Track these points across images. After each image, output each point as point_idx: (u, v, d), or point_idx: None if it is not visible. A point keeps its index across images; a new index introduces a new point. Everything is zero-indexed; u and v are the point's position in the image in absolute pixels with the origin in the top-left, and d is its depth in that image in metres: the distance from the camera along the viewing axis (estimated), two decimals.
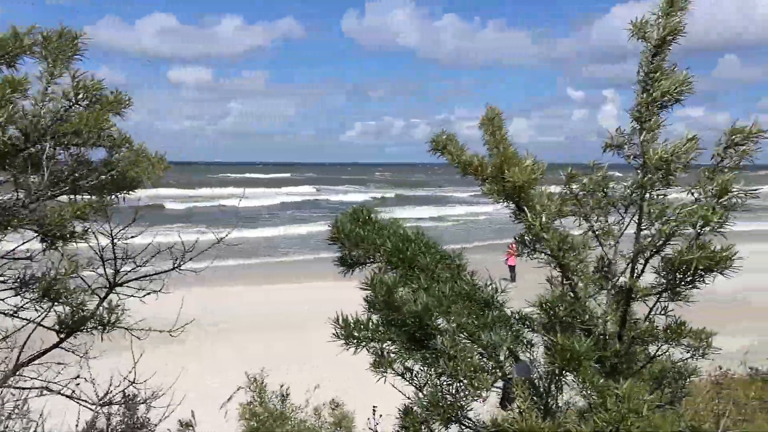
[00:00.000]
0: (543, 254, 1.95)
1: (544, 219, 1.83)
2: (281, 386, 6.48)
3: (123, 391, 3.00)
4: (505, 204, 2.03)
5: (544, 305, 1.95)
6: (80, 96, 2.37)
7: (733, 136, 1.91)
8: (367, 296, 2.25)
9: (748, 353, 7.80)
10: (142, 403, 3.24)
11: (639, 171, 1.95)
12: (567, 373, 1.95)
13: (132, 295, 2.67)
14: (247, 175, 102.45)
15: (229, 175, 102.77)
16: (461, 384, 2.03)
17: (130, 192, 2.60)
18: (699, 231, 1.80)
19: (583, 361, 1.79)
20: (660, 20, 1.92)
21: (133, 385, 2.92)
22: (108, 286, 2.68)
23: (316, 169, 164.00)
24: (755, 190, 1.90)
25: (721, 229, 1.85)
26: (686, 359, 2.22)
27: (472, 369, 1.97)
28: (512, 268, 19.66)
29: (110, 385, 2.87)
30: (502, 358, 2.22)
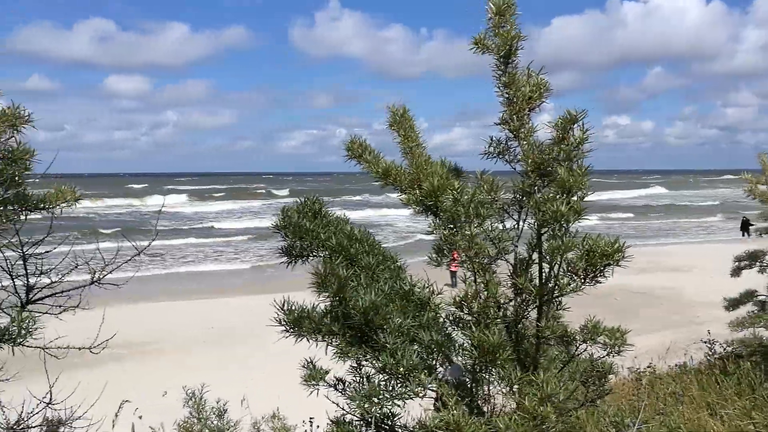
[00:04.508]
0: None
1: (450, 226, 1.86)
2: (218, 401, 6.33)
3: (44, 414, 2.83)
4: (424, 213, 2.04)
5: (458, 302, 1.99)
6: None
7: (563, 125, 1.99)
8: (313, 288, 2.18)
9: (669, 349, 8.20)
10: (62, 425, 3.07)
11: (521, 175, 2.02)
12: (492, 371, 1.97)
13: (47, 312, 2.52)
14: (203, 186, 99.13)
15: (184, 186, 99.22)
16: (398, 381, 2.01)
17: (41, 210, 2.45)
18: (563, 225, 1.86)
19: (498, 353, 1.82)
20: (495, 30, 1.97)
21: (50, 406, 2.76)
22: (20, 304, 2.53)
23: (253, 179, 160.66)
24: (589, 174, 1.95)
25: (580, 222, 1.91)
26: (602, 357, 2.30)
27: (411, 366, 1.97)
28: (453, 274, 20.01)
29: (22, 409, 2.70)
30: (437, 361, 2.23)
